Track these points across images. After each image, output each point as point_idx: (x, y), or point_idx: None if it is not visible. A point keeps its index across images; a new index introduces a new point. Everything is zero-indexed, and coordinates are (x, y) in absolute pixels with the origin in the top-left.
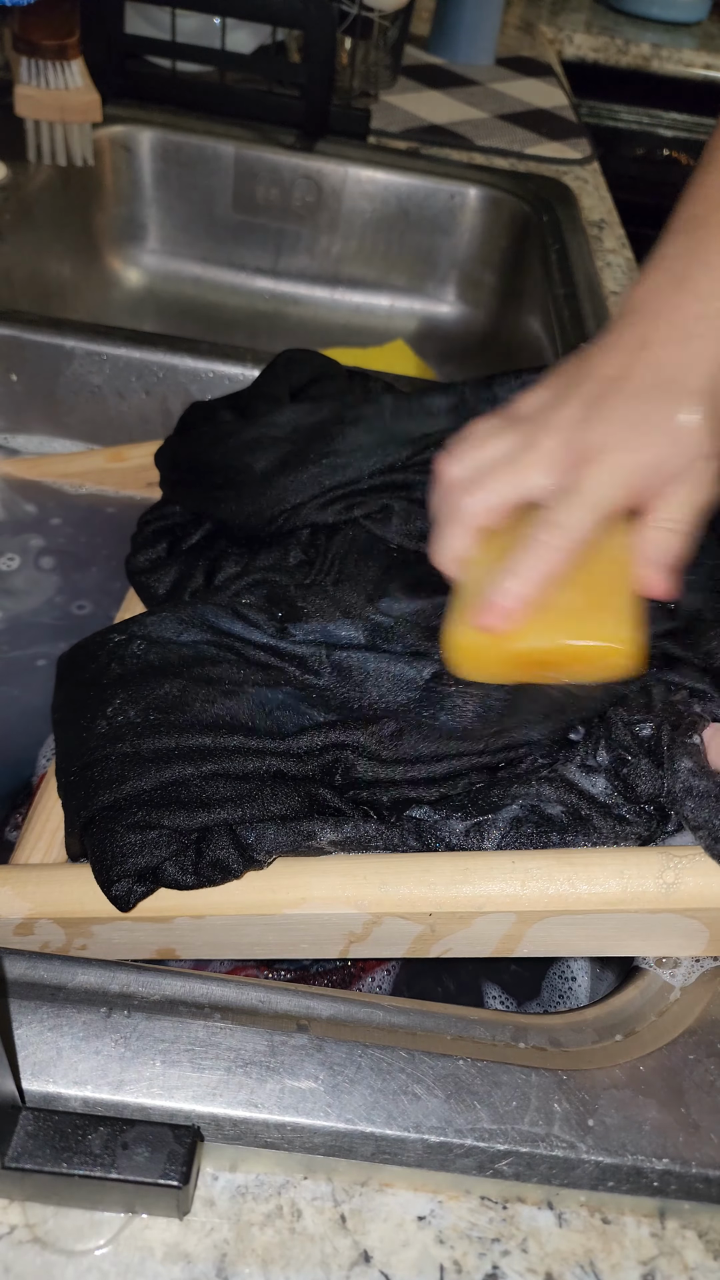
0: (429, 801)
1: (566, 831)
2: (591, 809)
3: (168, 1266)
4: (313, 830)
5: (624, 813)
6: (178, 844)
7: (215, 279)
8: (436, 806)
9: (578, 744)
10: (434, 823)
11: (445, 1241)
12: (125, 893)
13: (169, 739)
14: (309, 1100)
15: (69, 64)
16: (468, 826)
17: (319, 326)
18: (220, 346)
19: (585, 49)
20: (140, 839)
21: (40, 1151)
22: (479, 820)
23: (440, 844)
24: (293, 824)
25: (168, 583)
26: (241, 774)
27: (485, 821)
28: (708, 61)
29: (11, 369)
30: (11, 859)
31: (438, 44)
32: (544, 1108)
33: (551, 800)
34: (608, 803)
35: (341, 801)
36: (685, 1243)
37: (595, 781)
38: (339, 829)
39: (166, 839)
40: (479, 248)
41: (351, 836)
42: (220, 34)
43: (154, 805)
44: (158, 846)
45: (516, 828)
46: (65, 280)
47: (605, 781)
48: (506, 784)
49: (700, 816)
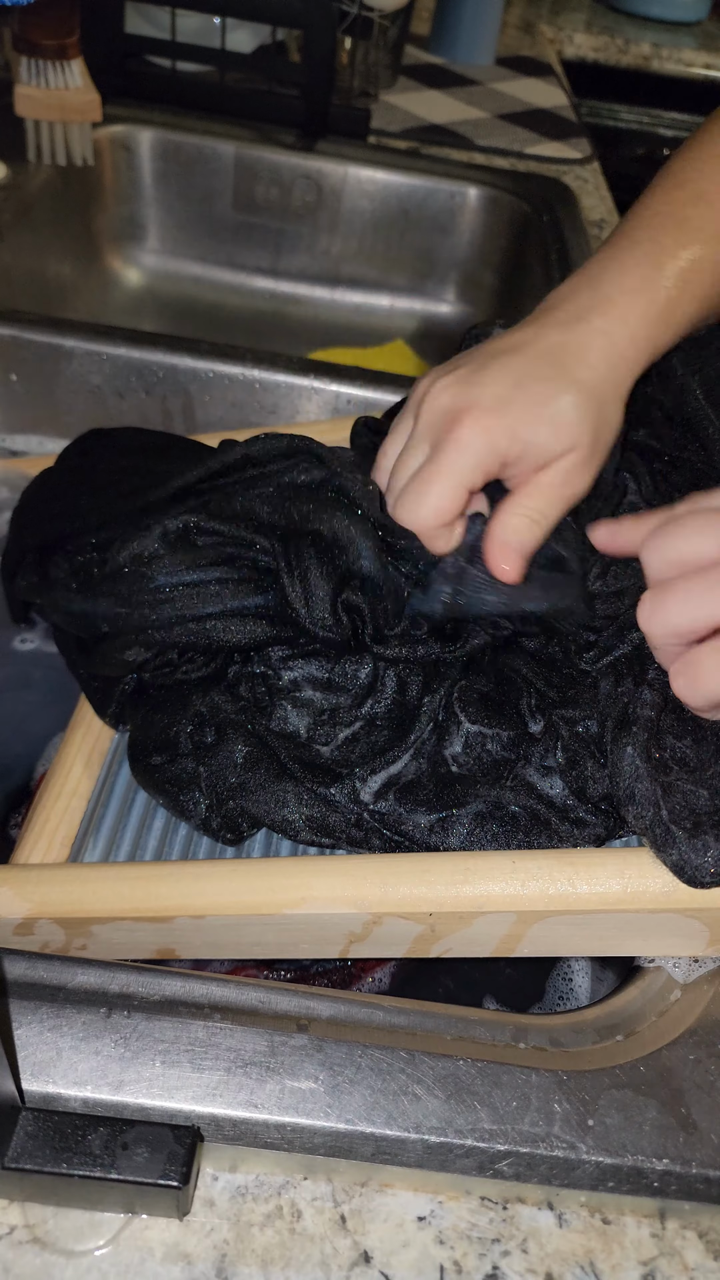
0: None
1: (530, 832)
2: (550, 812)
3: (168, 1267)
4: (285, 797)
5: (581, 814)
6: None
7: (215, 279)
8: (401, 798)
9: (536, 744)
10: (399, 815)
11: (445, 1242)
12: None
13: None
14: (309, 1100)
15: (69, 64)
16: (432, 821)
17: (319, 326)
18: (220, 346)
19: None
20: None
21: (40, 1152)
22: (444, 815)
23: (404, 838)
24: (270, 787)
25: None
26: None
27: (450, 816)
28: (708, 61)
29: (11, 369)
30: (11, 859)
31: (438, 44)
32: (544, 1108)
33: (512, 802)
34: (565, 805)
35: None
36: (685, 1243)
37: (553, 783)
38: (309, 804)
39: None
40: (479, 248)
41: (316, 816)
42: (220, 34)
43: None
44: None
45: (481, 824)
46: (65, 280)
47: (562, 783)
48: (470, 782)
49: (642, 823)
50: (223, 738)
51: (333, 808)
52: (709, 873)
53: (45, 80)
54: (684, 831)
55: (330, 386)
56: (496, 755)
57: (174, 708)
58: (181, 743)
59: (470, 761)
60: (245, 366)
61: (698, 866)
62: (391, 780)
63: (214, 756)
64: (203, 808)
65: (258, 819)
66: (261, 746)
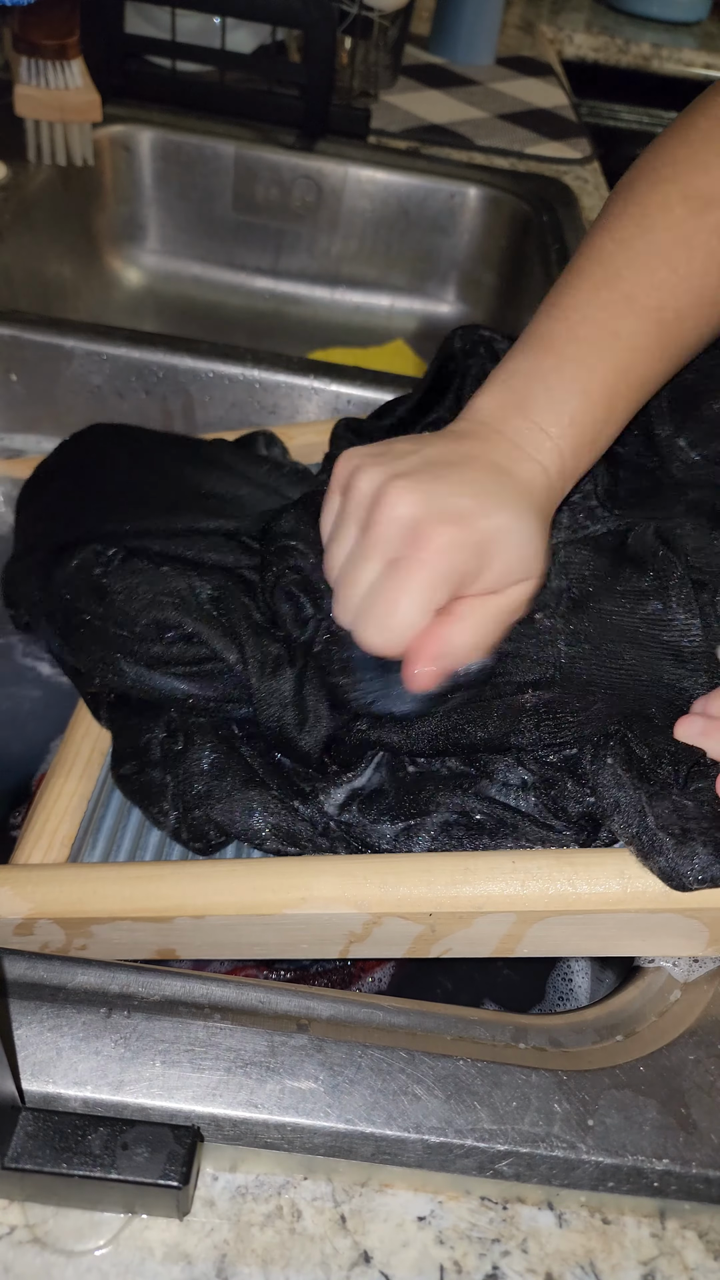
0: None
1: (495, 835)
2: (517, 817)
3: (168, 1267)
4: (251, 805)
5: (551, 821)
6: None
7: (215, 279)
8: (365, 809)
9: (498, 765)
10: (365, 826)
11: (445, 1242)
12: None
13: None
14: (309, 1100)
15: (69, 64)
16: (397, 831)
17: (319, 326)
18: (220, 346)
19: (585, 49)
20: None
21: (40, 1152)
22: (409, 824)
23: (369, 848)
24: (238, 793)
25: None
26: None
27: (414, 825)
28: (708, 61)
29: (11, 369)
30: (11, 859)
31: (438, 44)
32: (544, 1108)
33: (478, 810)
34: (533, 813)
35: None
36: (685, 1243)
37: (525, 798)
38: (275, 813)
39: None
40: (479, 248)
41: (282, 825)
42: (220, 34)
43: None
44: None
45: (446, 831)
46: (65, 280)
47: (535, 798)
48: (433, 791)
49: (629, 831)
50: (190, 744)
51: (298, 816)
52: (695, 879)
53: (45, 80)
54: (672, 839)
55: (330, 386)
56: (456, 769)
57: (149, 713)
58: (153, 750)
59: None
60: (245, 366)
61: (684, 873)
62: (356, 792)
63: (180, 764)
64: (172, 818)
65: (224, 827)
66: (230, 753)
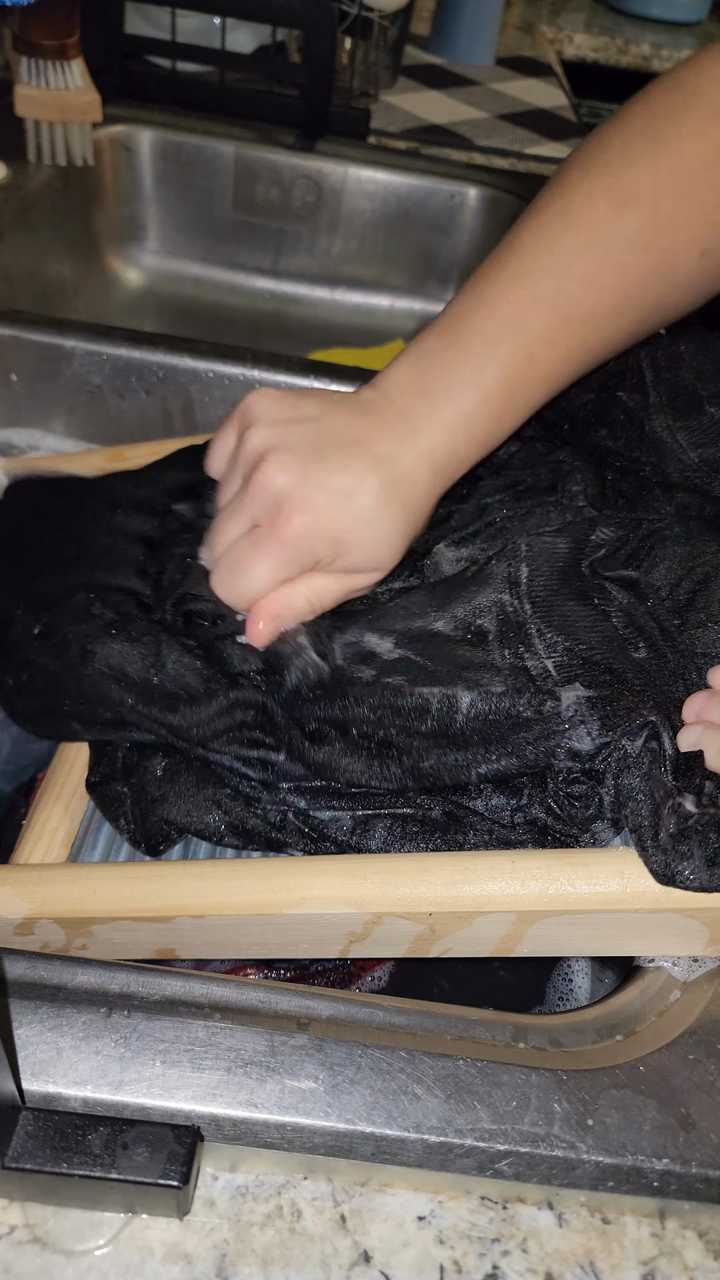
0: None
1: (448, 831)
2: (474, 818)
3: (168, 1266)
4: (206, 804)
5: (506, 819)
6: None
7: (215, 279)
8: (314, 801)
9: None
10: (320, 821)
11: (445, 1241)
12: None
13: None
14: (309, 1100)
15: (69, 64)
16: (352, 823)
17: (319, 326)
18: (220, 346)
19: (585, 49)
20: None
21: (40, 1151)
22: (366, 816)
23: (328, 840)
24: (200, 791)
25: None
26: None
27: (371, 817)
28: None
29: (11, 369)
30: (11, 859)
31: (438, 44)
32: (544, 1108)
33: (432, 807)
34: (487, 810)
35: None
36: (685, 1243)
37: (486, 799)
38: (229, 811)
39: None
40: (479, 248)
41: (236, 822)
42: (220, 34)
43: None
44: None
45: (403, 824)
46: (65, 280)
47: (498, 799)
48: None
49: (638, 819)
50: (143, 751)
51: (253, 809)
52: (686, 879)
53: (45, 80)
54: (669, 836)
55: (330, 386)
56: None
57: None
58: (119, 759)
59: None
60: (245, 367)
61: (676, 872)
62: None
63: (135, 773)
64: (132, 827)
65: (181, 826)
66: (182, 755)
